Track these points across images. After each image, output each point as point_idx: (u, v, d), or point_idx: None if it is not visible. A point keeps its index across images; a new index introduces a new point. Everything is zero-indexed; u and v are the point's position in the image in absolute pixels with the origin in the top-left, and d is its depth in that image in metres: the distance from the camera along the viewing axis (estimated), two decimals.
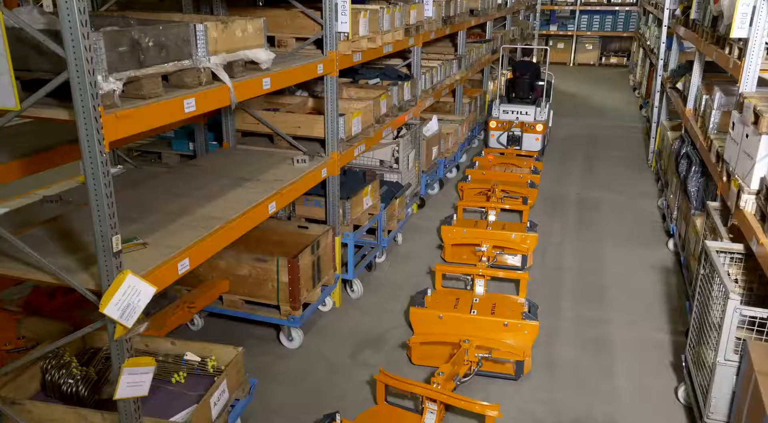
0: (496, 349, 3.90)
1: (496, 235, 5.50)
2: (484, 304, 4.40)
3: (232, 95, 3.15)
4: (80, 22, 2.19)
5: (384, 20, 5.09)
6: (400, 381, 3.51)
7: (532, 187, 7.07)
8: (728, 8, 4.26)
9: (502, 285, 5.17)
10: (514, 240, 5.45)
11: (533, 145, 8.51)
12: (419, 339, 4.12)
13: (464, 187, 6.96)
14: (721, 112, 4.78)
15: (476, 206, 6.41)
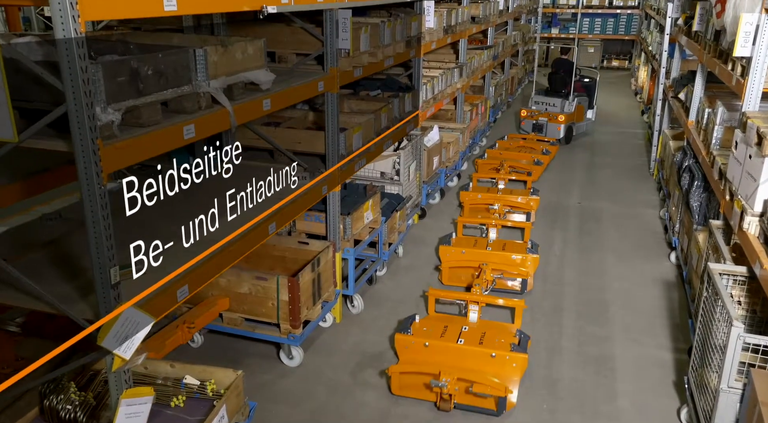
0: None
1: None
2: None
3: (232, 119, 3.13)
4: (78, 56, 2.17)
5: (385, 34, 5.07)
6: (448, 293, 4.90)
7: (537, 164, 8.20)
8: (731, 25, 4.23)
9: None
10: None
11: (555, 133, 9.67)
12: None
13: (479, 162, 8.29)
14: (724, 128, 4.75)
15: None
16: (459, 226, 6.40)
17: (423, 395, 3.92)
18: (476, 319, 4.56)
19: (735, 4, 4.11)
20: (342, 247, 4.82)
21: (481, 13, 9.10)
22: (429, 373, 3.84)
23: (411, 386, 3.95)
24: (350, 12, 4.26)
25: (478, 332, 4.30)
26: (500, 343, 4.15)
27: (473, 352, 4.02)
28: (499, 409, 3.78)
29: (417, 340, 4.15)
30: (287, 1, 3.55)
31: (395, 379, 3.99)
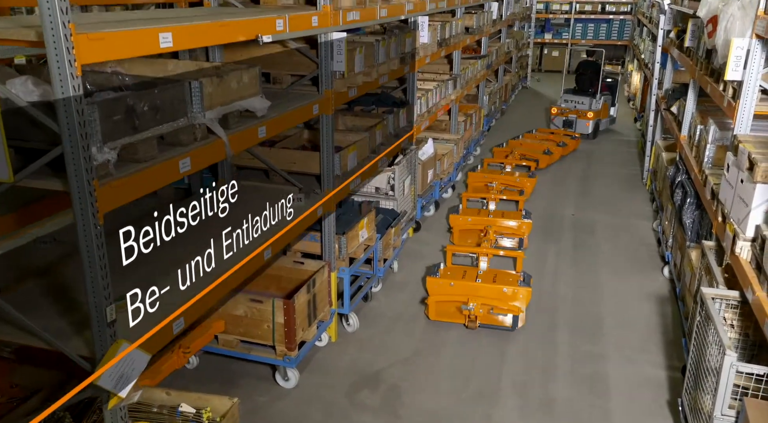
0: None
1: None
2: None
3: (228, 149, 3.14)
4: (75, 100, 2.17)
5: (380, 53, 5.08)
6: (462, 247, 6.08)
7: (547, 153, 9.23)
8: (722, 47, 4.27)
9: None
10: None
11: (584, 129, 10.84)
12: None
13: (496, 150, 9.44)
14: (716, 147, 4.79)
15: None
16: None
17: (454, 319, 5.05)
18: (486, 267, 5.65)
19: (726, 27, 4.15)
20: (337, 266, 4.83)
21: (474, 23, 9.13)
22: (459, 301, 4.98)
23: (444, 313, 5.10)
24: (345, 35, 4.27)
25: (490, 275, 5.35)
26: (509, 281, 5.18)
27: (489, 287, 5.07)
28: (513, 326, 4.93)
29: (444, 281, 5.18)
30: (282, 28, 3.56)
31: (432, 307, 5.11)
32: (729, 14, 4.13)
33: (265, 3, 4.43)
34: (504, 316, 5.01)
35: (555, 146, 9.74)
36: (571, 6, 18.72)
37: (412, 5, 5.96)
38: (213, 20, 3.01)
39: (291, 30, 3.66)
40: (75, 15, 2.15)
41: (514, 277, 5.33)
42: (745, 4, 3.98)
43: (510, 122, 12.43)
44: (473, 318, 4.92)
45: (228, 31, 3.06)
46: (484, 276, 5.31)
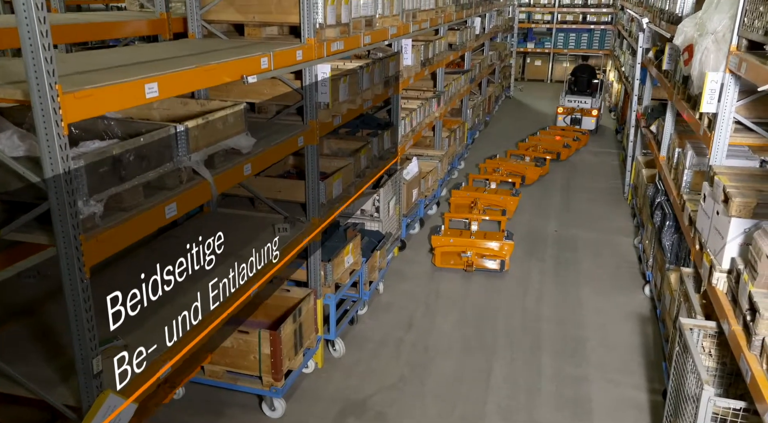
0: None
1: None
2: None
3: (213, 190, 3.16)
4: (62, 159, 2.19)
5: (364, 80, 5.13)
6: (458, 215, 7.65)
7: (566, 147, 10.79)
8: (698, 78, 4.37)
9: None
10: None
11: (590, 125, 12.19)
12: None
13: (521, 145, 10.84)
14: (693, 172, 4.90)
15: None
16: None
17: (454, 265, 6.60)
18: (476, 229, 7.11)
19: (701, 59, 4.25)
20: (323, 293, 4.86)
21: (457, 40, 9.22)
22: (458, 251, 6.53)
23: (446, 261, 6.63)
24: (329, 67, 4.32)
25: (481, 234, 6.85)
26: (496, 237, 6.65)
27: (480, 242, 6.56)
28: (501, 269, 6.49)
29: (445, 238, 6.67)
30: (267, 66, 3.60)
31: (437, 256, 6.64)
32: (703, 47, 4.23)
33: (249, 35, 4.46)
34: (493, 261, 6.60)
35: (572, 141, 11.19)
36: (553, 16, 18.96)
37: (396, 29, 6.02)
38: (198, 64, 3.03)
39: (276, 67, 3.69)
40: (58, 60, 2.14)
41: (499, 234, 6.82)
42: (719, 38, 4.09)
43: (494, 134, 12.55)
44: (470, 263, 6.51)
45: (213, 75, 3.09)
46: (476, 234, 6.86)
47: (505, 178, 9.17)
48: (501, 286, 6.26)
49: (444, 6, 8.07)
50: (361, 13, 5.06)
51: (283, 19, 4.34)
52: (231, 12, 4.38)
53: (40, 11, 2.00)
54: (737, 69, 3.73)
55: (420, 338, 5.33)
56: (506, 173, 9.37)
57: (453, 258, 6.66)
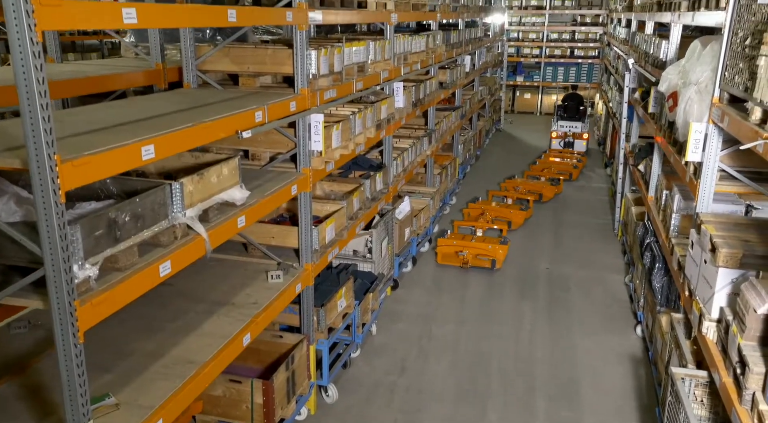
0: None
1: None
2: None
3: (208, 246, 3.19)
4: (58, 226, 2.22)
5: (356, 125, 5.21)
6: (465, 222, 8.79)
7: (575, 168, 12.05)
8: (683, 126, 4.48)
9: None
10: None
11: (581, 147, 13.27)
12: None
13: (532, 167, 12.01)
14: (681, 216, 4.97)
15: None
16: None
17: (453, 262, 7.66)
18: (481, 234, 8.15)
19: (685, 109, 4.36)
20: (316, 338, 4.85)
21: (448, 79, 9.37)
22: (457, 250, 7.60)
23: (447, 259, 7.71)
24: (322, 116, 4.39)
25: (481, 238, 7.91)
26: (493, 241, 7.76)
27: (479, 244, 7.66)
28: (492, 267, 7.49)
29: (449, 241, 7.74)
30: (261, 119, 3.66)
31: (440, 254, 7.74)
32: (687, 97, 4.35)
33: (244, 84, 4.53)
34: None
35: (577, 161, 12.41)
36: (541, 50, 19.33)
37: (387, 73, 6.13)
38: (193, 121, 3.09)
39: (270, 120, 3.76)
40: (54, 119, 2.17)
41: (496, 239, 7.90)
42: (702, 89, 4.20)
43: (485, 167, 12.68)
44: (466, 260, 7.53)
45: (209, 132, 3.14)
46: (477, 239, 7.86)
47: (523, 195, 10.19)
48: (494, 327, 6.26)
49: (434, 47, 8.23)
50: (353, 60, 5.16)
51: (277, 70, 4.43)
52: (226, 63, 4.46)
53: (41, 86, 2.05)
54: (720, 120, 3.83)
55: (413, 382, 5.31)
56: (525, 191, 10.41)
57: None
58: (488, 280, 7.36)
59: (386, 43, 6.07)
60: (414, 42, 7.13)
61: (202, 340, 3.55)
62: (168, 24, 2.81)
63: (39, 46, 2.03)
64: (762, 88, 3.03)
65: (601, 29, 18.68)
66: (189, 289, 4.26)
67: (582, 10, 19.06)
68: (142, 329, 3.65)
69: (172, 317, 3.81)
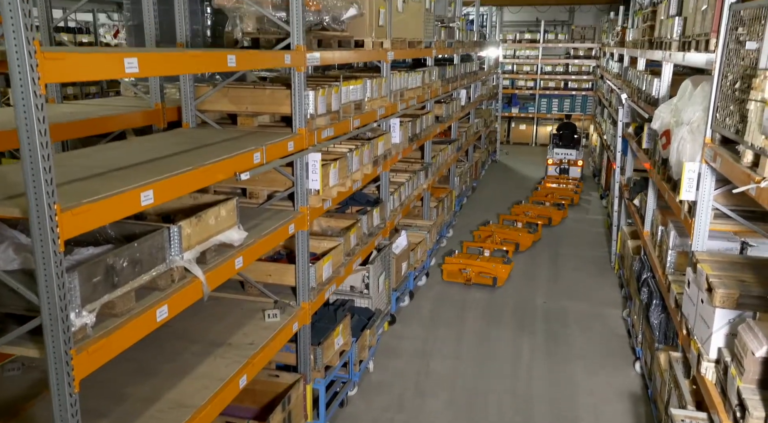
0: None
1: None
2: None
3: (205, 288, 3.18)
4: (56, 275, 2.22)
5: (353, 163, 5.25)
6: (474, 243, 9.18)
7: (575, 193, 12.60)
8: (676, 164, 4.53)
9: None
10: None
11: (576, 173, 13.86)
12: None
13: (535, 193, 12.53)
14: (677, 253, 4.99)
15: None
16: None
17: (458, 279, 8.12)
18: (488, 254, 8.57)
19: (678, 148, 4.42)
20: (313, 377, 4.81)
21: (444, 113, 9.48)
22: (461, 268, 8.05)
23: (452, 275, 8.16)
24: (319, 155, 4.43)
25: (486, 258, 8.37)
26: (497, 261, 8.22)
27: (483, 264, 8.13)
28: (494, 284, 7.98)
29: (455, 259, 8.22)
30: (259, 160, 3.69)
31: (445, 271, 8.21)
32: (680, 136, 4.41)
33: (242, 123, 4.58)
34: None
35: (575, 187, 12.95)
36: (535, 82, 19.61)
37: (384, 109, 6.21)
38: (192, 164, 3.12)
39: (268, 160, 3.79)
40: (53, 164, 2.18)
41: (501, 259, 8.33)
42: (694, 129, 4.27)
43: (482, 199, 12.73)
44: (469, 277, 8.02)
45: (208, 175, 3.16)
46: (482, 258, 8.34)
47: (533, 219, 10.53)
48: (492, 363, 6.22)
49: (430, 82, 8.35)
50: (350, 99, 5.23)
51: (275, 110, 4.49)
52: (225, 103, 4.52)
53: (44, 137, 2.07)
54: (712, 161, 3.88)
55: (411, 420, 5.25)
56: (535, 216, 10.83)
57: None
58: (486, 314, 7.33)
59: (383, 80, 6.16)
60: (410, 78, 7.24)
61: (198, 382, 3.52)
62: (169, 72, 2.85)
63: (42, 98, 2.06)
64: (753, 132, 3.08)
65: (594, 62, 18.99)
66: (185, 328, 4.23)
67: (575, 44, 19.41)
68: (137, 371, 3.62)
69: (167, 358, 3.78)
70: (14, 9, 1.96)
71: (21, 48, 1.98)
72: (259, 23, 4.33)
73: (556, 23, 21.05)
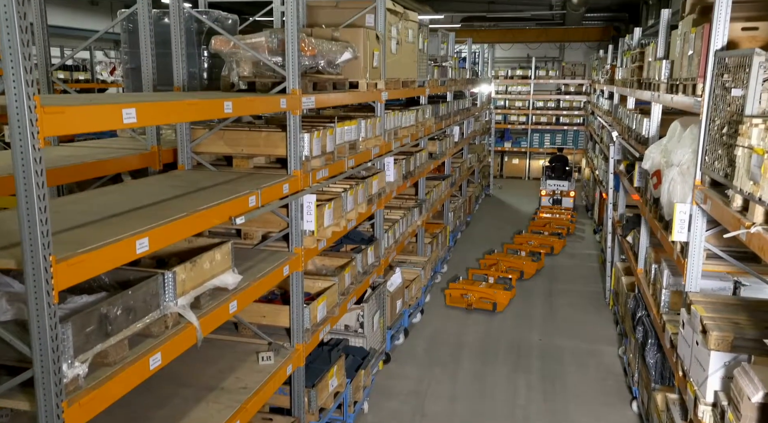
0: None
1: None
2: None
3: (199, 334, 3.17)
4: (50, 327, 2.21)
5: (348, 202, 5.28)
6: (480, 271, 9.52)
7: (571, 222, 13.13)
8: (667, 205, 4.58)
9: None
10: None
11: (568, 204, 14.28)
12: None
13: (532, 223, 12.97)
14: (671, 292, 5.00)
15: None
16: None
17: (460, 304, 8.49)
18: (492, 281, 8.99)
19: (669, 189, 4.48)
20: (307, 420, 4.74)
21: (437, 149, 9.57)
22: (463, 293, 8.42)
23: (455, 300, 8.51)
24: (314, 197, 4.46)
25: (488, 285, 8.70)
26: (498, 288, 8.61)
27: (484, 289, 8.54)
28: (494, 309, 8.36)
29: (459, 285, 8.69)
30: (255, 203, 3.72)
31: (448, 296, 8.58)
32: (670, 177, 4.47)
33: (237, 165, 4.62)
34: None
35: (570, 217, 13.42)
36: (527, 117, 19.88)
37: (378, 148, 6.27)
38: (187, 210, 3.13)
39: (263, 203, 3.82)
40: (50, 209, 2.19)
41: (501, 286, 8.75)
42: (684, 170, 4.33)
43: (476, 234, 12.76)
44: (470, 302, 8.38)
45: (203, 220, 3.18)
46: (485, 285, 8.71)
47: (536, 248, 10.91)
48: (488, 404, 6.15)
49: (424, 120, 8.45)
50: (345, 139, 5.29)
51: (271, 152, 4.53)
52: (220, 145, 4.56)
53: (41, 190, 2.09)
54: (703, 203, 3.92)
55: None
56: (538, 245, 11.22)
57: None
58: (482, 352, 7.27)
59: (377, 120, 6.24)
60: (404, 117, 7.33)
61: None
62: (166, 121, 2.89)
63: (41, 152, 2.09)
64: (741, 178, 3.13)
65: (585, 98, 19.30)
66: (176, 371, 4.18)
67: (566, 80, 19.75)
68: (127, 419, 3.56)
69: (159, 403, 3.73)
70: (16, 65, 2.00)
71: (21, 103, 2.02)
72: (255, 67, 4.40)
73: (547, 59, 21.48)
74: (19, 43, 1.97)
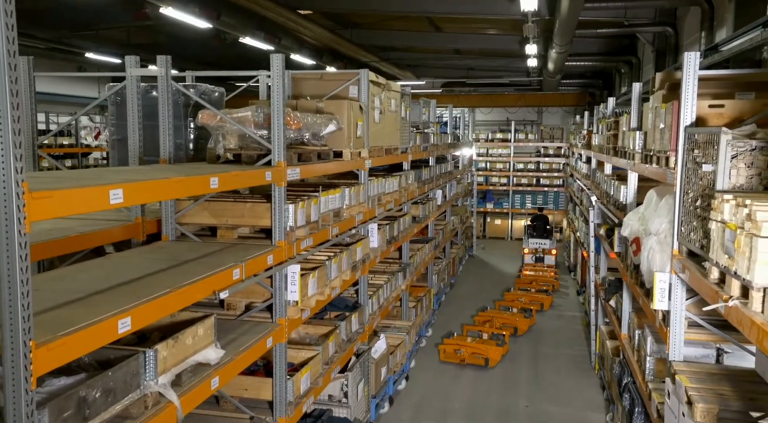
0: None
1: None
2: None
3: (179, 412, 3.09)
4: (26, 415, 2.15)
5: (332, 270, 5.28)
6: (475, 326, 9.85)
7: (556, 279, 13.51)
8: (647, 273, 4.65)
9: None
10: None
11: (550, 261, 14.73)
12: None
13: (518, 281, 13.33)
14: (655, 359, 5.00)
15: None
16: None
17: (453, 359, 8.70)
18: (486, 337, 9.17)
19: (648, 257, 4.56)
20: None
21: (421, 213, 9.68)
22: (457, 348, 8.63)
23: (449, 356, 8.72)
24: (298, 267, 4.47)
25: (481, 341, 8.94)
26: (490, 343, 8.79)
27: (476, 346, 8.73)
28: (486, 364, 8.52)
29: (453, 341, 8.86)
30: (238, 276, 3.71)
31: (442, 352, 8.80)
32: (649, 246, 4.56)
33: (222, 236, 4.63)
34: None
35: (554, 273, 13.87)
36: (508, 179, 20.26)
37: (362, 215, 6.34)
38: (170, 287, 3.12)
39: (247, 276, 3.81)
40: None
41: (494, 342, 8.92)
42: (662, 239, 4.43)
43: (460, 296, 12.73)
44: (463, 357, 8.59)
45: (186, 296, 3.16)
46: (478, 341, 8.93)
47: (527, 305, 11.19)
48: None
49: (407, 185, 8.59)
50: (329, 207, 5.35)
51: (256, 223, 4.56)
52: (205, 216, 4.59)
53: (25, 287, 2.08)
54: (681, 272, 4.00)
55: None
56: (528, 301, 11.52)
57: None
58: (468, 420, 7.12)
59: (361, 187, 6.33)
60: (387, 183, 7.45)
61: None
62: (152, 199, 2.93)
63: (27, 236, 2.09)
64: (716, 251, 3.21)
65: (564, 159, 19.78)
66: None
67: (545, 143, 20.27)
68: None
69: None
70: (6, 153, 2.04)
71: (9, 190, 2.04)
72: (241, 140, 4.49)
73: (526, 123, 22.11)
74: (11, 132, 2.02)
